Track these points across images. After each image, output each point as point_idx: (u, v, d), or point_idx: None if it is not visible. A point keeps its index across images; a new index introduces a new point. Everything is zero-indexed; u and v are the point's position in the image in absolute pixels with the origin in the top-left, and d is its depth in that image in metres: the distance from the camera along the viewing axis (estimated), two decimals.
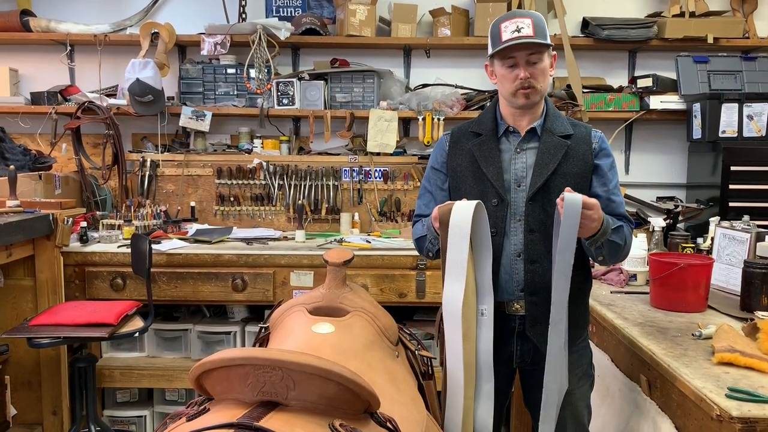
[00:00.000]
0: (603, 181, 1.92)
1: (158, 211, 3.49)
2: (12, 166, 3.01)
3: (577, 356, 1.96)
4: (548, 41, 1.84)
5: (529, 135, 1.93)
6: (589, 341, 2.07)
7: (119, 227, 3.34)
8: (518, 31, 1.81)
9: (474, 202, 1.73)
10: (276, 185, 3.74)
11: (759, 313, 2.12)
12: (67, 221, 2.98)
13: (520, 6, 3.71)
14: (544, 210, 1.87)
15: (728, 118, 3.52)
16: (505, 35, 1.83)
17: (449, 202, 1.78)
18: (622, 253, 1.91)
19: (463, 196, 1.93)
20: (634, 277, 2.63)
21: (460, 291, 1.64)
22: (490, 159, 1.92)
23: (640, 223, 3.75)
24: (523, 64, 1.84)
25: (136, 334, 2.74)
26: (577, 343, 1.95)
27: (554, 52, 1.91)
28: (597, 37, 3.78)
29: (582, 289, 1.98)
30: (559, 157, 1.88)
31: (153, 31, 3.76)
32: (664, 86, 3.76)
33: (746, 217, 2.59)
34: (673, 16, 3.77)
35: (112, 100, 3.77)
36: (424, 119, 3.73)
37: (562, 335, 1.78)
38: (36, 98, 3.80)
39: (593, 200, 1.71)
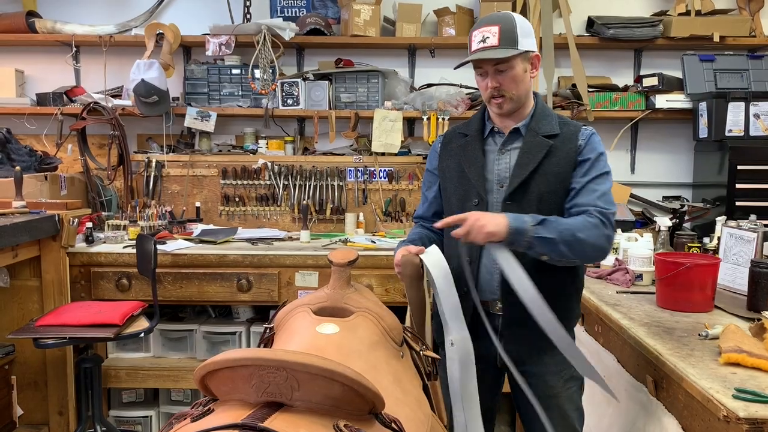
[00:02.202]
0: (581, 172, 1.85)
1: (163, 212, 3.49)
2: (18, 167, 3.03)
3: (564, 358, 1.90)
4: (517, 48, 1.79)
5: (513, 135, 1.91)
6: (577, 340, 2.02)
7: (125, 228, 3.35)
8: (483, 41, 1.80)
9: (436, 249, 1.76)
10: (281, 185, 3.74)
11: (766, 313, 2.10)
12: (73, 222, 2.99)
13: (524, 6, 3.70)
14: (523, 210, 1.82)
15: (735, 116, 3.50)
16: (473, 45, 1.83)
17: (409, 254, 1.79)
18: (575, 249, 1.74)
19: (450, 196, 1.96)
20: (639, 277, 2.62)
21: (467, 335, 1.62)
22: (472, 159, 1.92)
23: (646, 222, 3.73)
24: (492, 73, 1.83)
25: (142, 335, 2.76)
26: None
27: (535, 53, 1.86)
28: (602, 36, 3.77)
29: (567, 290, 1.94)
30: (540, 156, 1.85)
31: (158, 32, 3.77)
32: (669, 85, 3.74)
33: (753, 217, 2.57)
34: (679, 14, 3.75)
35: (117, 101, 3.78)
36: (428, 119, 3.72)
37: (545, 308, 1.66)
38: (42, 99, 3.82)
39: (451, 217, 1.75)
